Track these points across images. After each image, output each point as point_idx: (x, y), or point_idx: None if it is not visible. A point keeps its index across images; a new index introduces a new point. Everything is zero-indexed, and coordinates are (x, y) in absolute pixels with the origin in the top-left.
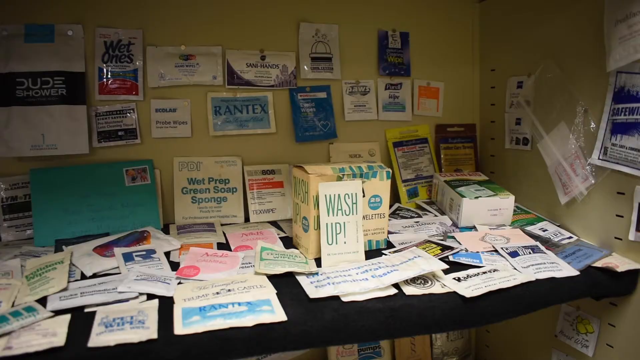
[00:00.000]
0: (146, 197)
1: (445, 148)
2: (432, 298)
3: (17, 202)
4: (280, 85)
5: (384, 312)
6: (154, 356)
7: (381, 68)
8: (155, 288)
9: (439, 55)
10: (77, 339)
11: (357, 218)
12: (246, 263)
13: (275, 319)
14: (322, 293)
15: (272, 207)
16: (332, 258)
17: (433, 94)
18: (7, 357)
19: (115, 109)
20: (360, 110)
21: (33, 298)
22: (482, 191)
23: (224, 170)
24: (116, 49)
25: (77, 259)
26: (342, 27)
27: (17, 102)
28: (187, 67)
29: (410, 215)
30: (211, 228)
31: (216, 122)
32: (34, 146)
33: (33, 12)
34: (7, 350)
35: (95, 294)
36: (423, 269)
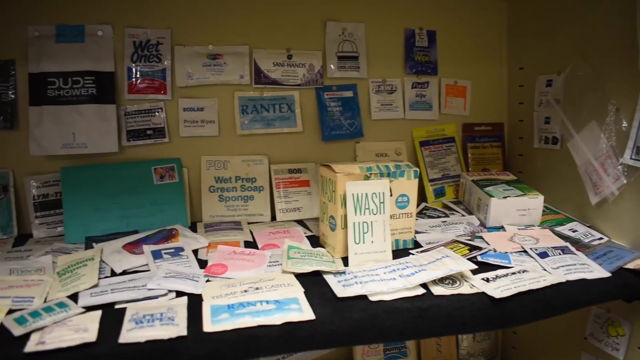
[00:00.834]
0: (174, 195)
1: (472, 147)
2: (461, 298)
3: (48, 199)
4: (306, 84)
5: (412, 312)
6: (183, 353)
7: (408, 67)
8: (184, 285)
9: (467, 53)
10: (108, 335)
11: (385, 217)
12: (273, 261)
13: (303, 318)
14: (350, 292)
15: (299, 206)
16: (359, 257)
17: (460, 93)
18: (41, 351)
19: (143, 108)
20: (387, 109)
21: (65, 294)
22: (510, 191)
23: (251, 169)
24: (145, 49)
25: (107, 256)
26: (368, 25)
27: (49, 102)
28: (215, 67)
29: (437, 214)
30: (238, 226)
31: (243, 121)
32: (64, 145)
33: (64, 13)
34: (41, 345)
35: (125, 290)
36: (451, 269)
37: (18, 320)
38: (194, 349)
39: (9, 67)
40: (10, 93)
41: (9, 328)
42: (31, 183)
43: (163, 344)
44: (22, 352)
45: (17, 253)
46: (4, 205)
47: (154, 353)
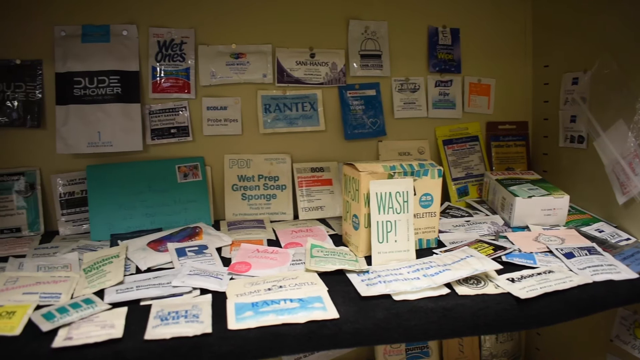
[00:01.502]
0: (198, 193)
1: (496, 146)
2: (486, 299)
3: (74, 197)
4: (329, 82)
5: (437, 312)
6: (207, 350)
7: (431, 65)
8: (208, 283)
9: (491, 51)
10: (133, 331)
11: (408, 216)
12: (296, 260)
13: (327, 316)
14: (374, 291)
15: (321, 205)
16: (382, 256)
17: (484, 91)
18: (68, 347)
19: (168, 107)
20: (410, 107)
21: (91, 290)
22: (535, 190)
23: (274, 167)
24: (169, 48)
25: (132, 253)
26: (391, 23)
27: (75, 101)
28: (238, 66)
29: (461, 214)
30: (261, 225)
31: (266, 119)
32: (90, 143)
33: (90, 13)
34: (68, 341)
35: (151, 287)
36: (476, 268)
37: (46, 316)
38: (218, 346)
39: (36, 66)
40: (38, 92)
41: (37, 323)
42: (58, 181)
43: (188, 341)
44: (50, 347)
45: (44, 250)
46: (32, 203)
47: (179, 350)
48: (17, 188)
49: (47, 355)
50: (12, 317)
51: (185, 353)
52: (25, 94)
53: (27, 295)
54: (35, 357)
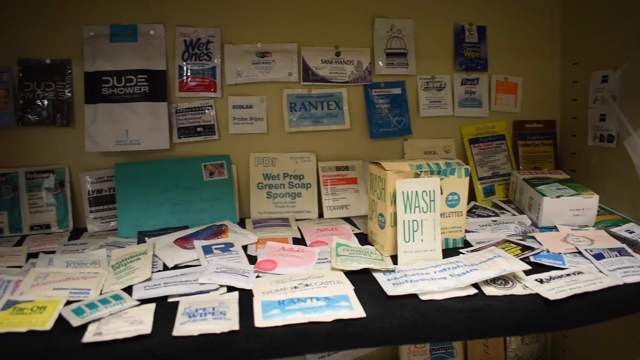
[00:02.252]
0: (223, 191)
1: (523, 145)
2: (514, 299)
3: (102, 195)
4: (354, 81)
5: (464, 312)
6: (235, 347)
7: (457, 63)
8: (235, 280)
9: (518, 49)
10: (162, 327)
11: (435, 216)
12: (322, 258)
13: (354, 315)
14: (400, 291)
15: (346, 204)
16: (408, 256)
17: (511, 89)
18: (98, 342)
19: (194, 105)
20: (436, 106)
21: (119, 287)
22: (563, 190)
23: (299, 166)
24: (195, 48)
25: (159, 251)
26: (417, 21)
27: (103, 100)
28: (263, 64)
29: (487, 213)
30: (286, 223)
31: (291, 118)
32: (118, 142)
33: (117, 13)
34: (98, 336)
35: (178, 284)
36: (504, 269)
37: (76, 312)
38: (245, 343)
39: (65, 66)
40: (67, 92)
41: (67, 319)
42: (86, 179)
43: (216, 338)
44: (81, 342)
45: (73, 246)
46: (61, 200)
47: (207, 346)
48: (46, 185)
49: (78, 350)
50: (43, 312)
51: (213, 350)
52: (55, 93)
53: (57, 291)
54: (67, 352)
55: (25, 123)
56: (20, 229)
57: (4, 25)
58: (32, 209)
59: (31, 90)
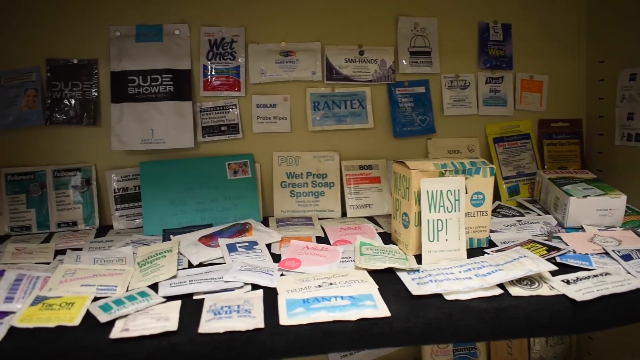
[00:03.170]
0: (247, 190)
1: (548, 144)
2: (540, 300)
3: (127, 193)
4: (378, 80)
5: (489, 313)
6: (260, 345)
7: (482, 61)
8: (259, 279)
9: (543, 46)
10: (187, 324)
11: (460, 215)
12: (346, 257)
13: (379, 315)
14: (425, 290)
15: (369, 203)
16: (433, 255)
17: (536, 88)
18: (125, 338)
19: (218, 105)
20: (460, 104)
21: (145, 284)
22: (590, 190)
23: (322, 165)
24: (220, 47)
25: (184, 248)
26: (441, 20)
27: (129, 99)
28: (287, 64)
29: (512, 213)
30: (309, 222)
31: (315, 117)
32: (143, 140)
33: (143, 13)
34: (125, 332)
35: (203, 282)
36: (530, 269)
37: (103, 308)
38: (270, 341)
39: (92, 66)
40: (94, 91)
41: (95, 315)
42: (112, 177)
43: (241, 335)
44: (108, 338)
45: (100, 243)
46: (87, 198)
47: (232, 344)
48: (73, 183)
49: (106, 346)
50: (71, 308)
51: (239, 347)
52: (82, 93)
53: (84, 287)
54: (95, 347)
55: (53, 122)
56: (47, 226)
57: (32, 26)
58: (59, 206)
59: (59, 90)
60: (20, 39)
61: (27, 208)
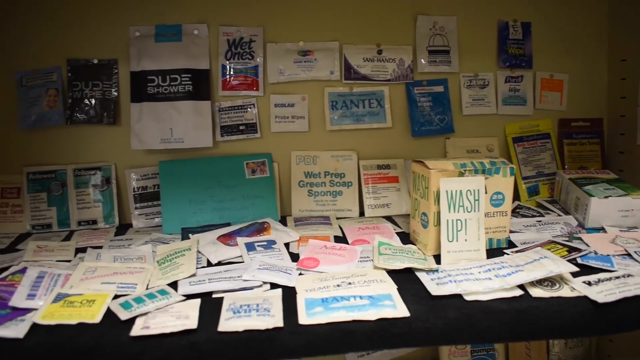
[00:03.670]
0: (265, 189)
1: (569, 144)
2: (561, 302)
3: (147, 191)
4: (396, 79)
5: (509, 314)
6: (279, 344)
7: (501, 60)
8: (278, 278)
9: (564, 45)
10: (207, 323)
11: (479, 215)
12: (364, 257)
13: (398, 314)
14: (444, 291)
15: (387, 202)
16: (452, 255)
17: (556, 87)
18: (146, 335)
19: (236, 104)
20: (479, 104)
21: (165, 282)
22: (611, 190)
23: (340, 164)
24: (238, 47)
25: (203, 247)
26: (460, 18)
27: (148, 98)
28: (305, 63)
29: (532, 214)
30: (327, 221)
31: (333, 116)
32: (163, 140)
33: (162, 13)
34: (145, 330)
35: (222, 280)
36: (551, 270)
37: (124, 305)
38: (289, 340)
39: (112, 66)
40: (114, 91)
41: (115, 312)
42: (131, 176)
43: (260, 334)
44: (129, 335)
45: (119, 242)
46: (107, 197)
47: (252, 342)
48: (93, 182)
49: (127, 343)
50: (92, 305)
51: (258, 346)
52: (102, 92)
53: (105, 285)
54: (116, 344)
55: (73, 121)
56: (68, 225)
57: (53, 27)
58: (79, 205)
59: (79, 90)
60: (41, 40)
61: (48, 206)
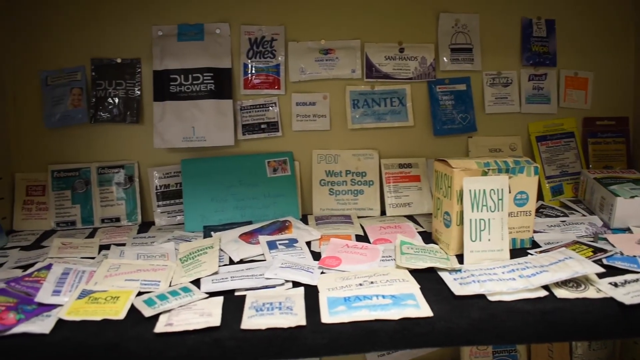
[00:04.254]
0: (286, 188)
1: (593, 143)
2: (587, 303)
3: (169, 189)
4: (418, 77)
5: (534, 315)
6: (301, 342)
7: (524, 58)
8: (300, 276)
9: (589, 42)
10: (230, 320)
11: (503, 215)
12: (386, 256)
13: (421, 314)
14: (468, 291)
15: (409, 201)
16: (475, 255)
17: (581, 85)
18: (169, 332)
19: (258, 103)
20: (502, 102)
21: (188, 279)
22: (638, 190)
23: (361, 163)
24: (260, 45)
25: (225, 245)
26: (483, 16)
27: (171, 97)
28: (327, 62)
29: (556, 214)
30: (348, 220)
31: (354, 115)
32: (185, 138)
33: (185, 13)
34: (169, 327)
35: (244, 278)
36: (576, 271)
37: (147, 302)
38: (312, 338)
39: (135, 65)
40: (137, 90)
41: (139, 309)
42: (154, 174)
43: (283, 333)
44: (153, 332)
45: (142, 239)
46: (130, 195)
47: (274, 340)
48: (117, 180)
49: (151, 339)
50: (116, 302)
51: (280, 344)
52: (125, 91)
53: (129, 282)
54: (141, 341)
55: (97, 120)
56: (91, 222)
57: (78, 27)
58: (103, 202)
59: (103, 89)
60: (66, 40)
61: (72, 204)
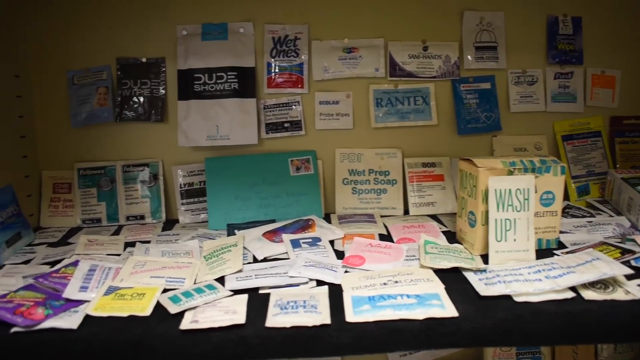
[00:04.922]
0: (309, 186)
1: (621, 142)
2: (615, 305)
3: (193, 188)
4: (442, 76)
5: (561, 316)
6: (326, 341)
7: (550, 56)
8: (324, 275)
9: (616, 40)
10: (254, 318)
11: (529, 215)
12: (410, 255)
13: (446, 314)
14: (493, 291)
15: (432, 201)
16: (500, 255)
17: (608, 83)
18: (195, 329)
19: (281, 101)
20: (527, 101)
21: (212, 277)
22: None
23: (384, 162)
24: (283, 44)
25: (249, 243)
26: (508, 13)
27: (195, 96)
28: (350, 60)
29: (582, 214)
30: (371, 219)
31: (377, 114)
32: (209, 137)
33: (209, 12)
34: (194, 324)
35: (269, 276)
36: (604, 272)
37: (173, 299)
38: (337, 337)
39: (160, 64)
40: (161, 89)
41: (165, 306)
42: (178, 172)
43: (307, 331)
44: (178, 328)
45: (167, 237)
46: (155, 193)
47: (299, 339)
48: (141, 178)
49: (176, 336)
50: (142, 299)
51: (305, 342)
52: (150, 90)
53: (154, 279)
54: (167, 337)
55: (122, 119)
56: (117, 219)
57: (103, 26)
58: (128, 200)
59: (128, 88)
60: (92, 40)
61: (98, 201)
